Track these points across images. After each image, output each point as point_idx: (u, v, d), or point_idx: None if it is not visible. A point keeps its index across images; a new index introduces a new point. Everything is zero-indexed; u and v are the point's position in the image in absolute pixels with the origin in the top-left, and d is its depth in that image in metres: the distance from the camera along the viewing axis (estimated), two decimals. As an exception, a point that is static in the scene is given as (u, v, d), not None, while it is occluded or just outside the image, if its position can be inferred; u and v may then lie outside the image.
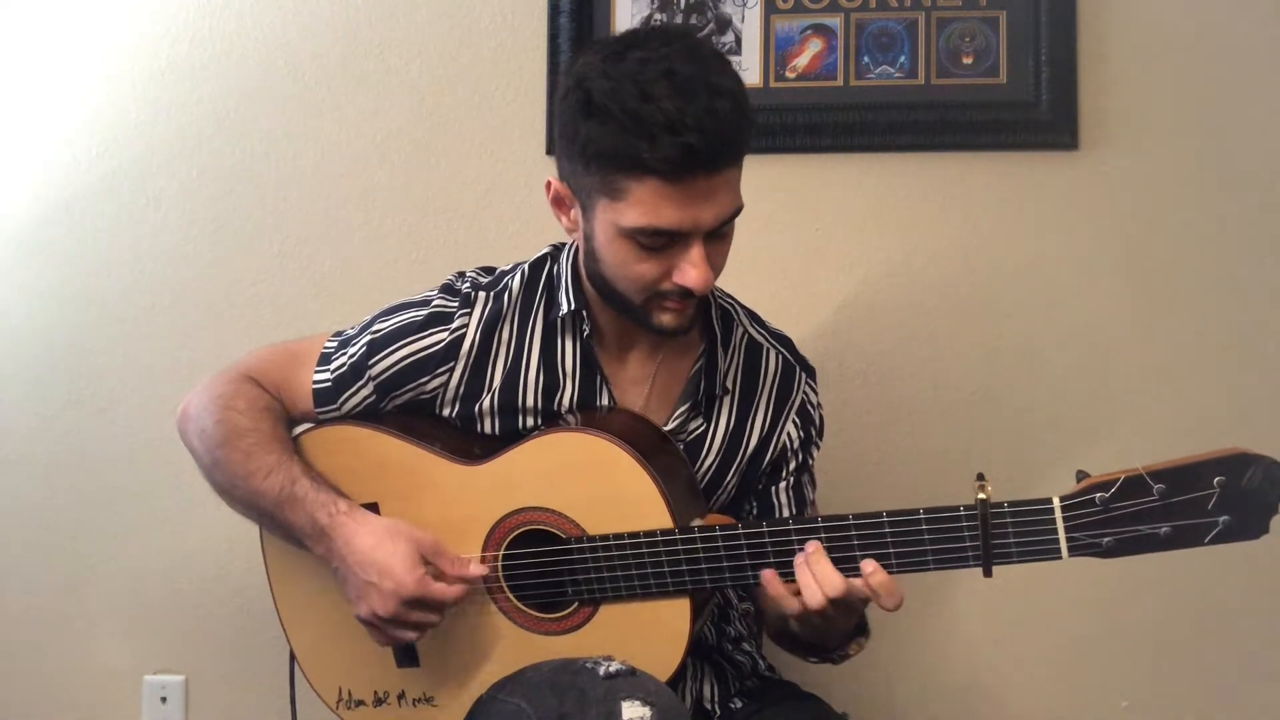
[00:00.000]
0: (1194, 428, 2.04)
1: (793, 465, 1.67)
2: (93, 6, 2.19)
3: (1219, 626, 2.09)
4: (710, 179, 1.40)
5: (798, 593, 1.42)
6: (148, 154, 2.19)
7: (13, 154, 2.21)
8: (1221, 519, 1.28)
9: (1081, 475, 1.33)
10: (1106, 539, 1.32)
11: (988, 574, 1.37)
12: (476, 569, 1.52)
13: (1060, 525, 1.33)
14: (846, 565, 1.40)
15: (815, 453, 1.71)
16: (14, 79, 2.21)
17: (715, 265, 1.48)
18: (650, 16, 2.12)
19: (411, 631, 1.51)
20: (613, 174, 1.41)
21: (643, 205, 1.40)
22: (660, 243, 1.43)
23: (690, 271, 1.44)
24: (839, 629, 1.49)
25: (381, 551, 1.48)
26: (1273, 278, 2.07)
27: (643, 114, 1.36)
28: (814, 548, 1.40)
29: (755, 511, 1.68)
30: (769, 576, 1.42)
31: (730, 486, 1.64)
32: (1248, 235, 2.07)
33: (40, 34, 2.20)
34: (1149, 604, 2.10)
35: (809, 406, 1.69)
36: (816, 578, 1.39)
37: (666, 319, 1.51)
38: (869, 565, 1.39)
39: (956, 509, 1.36)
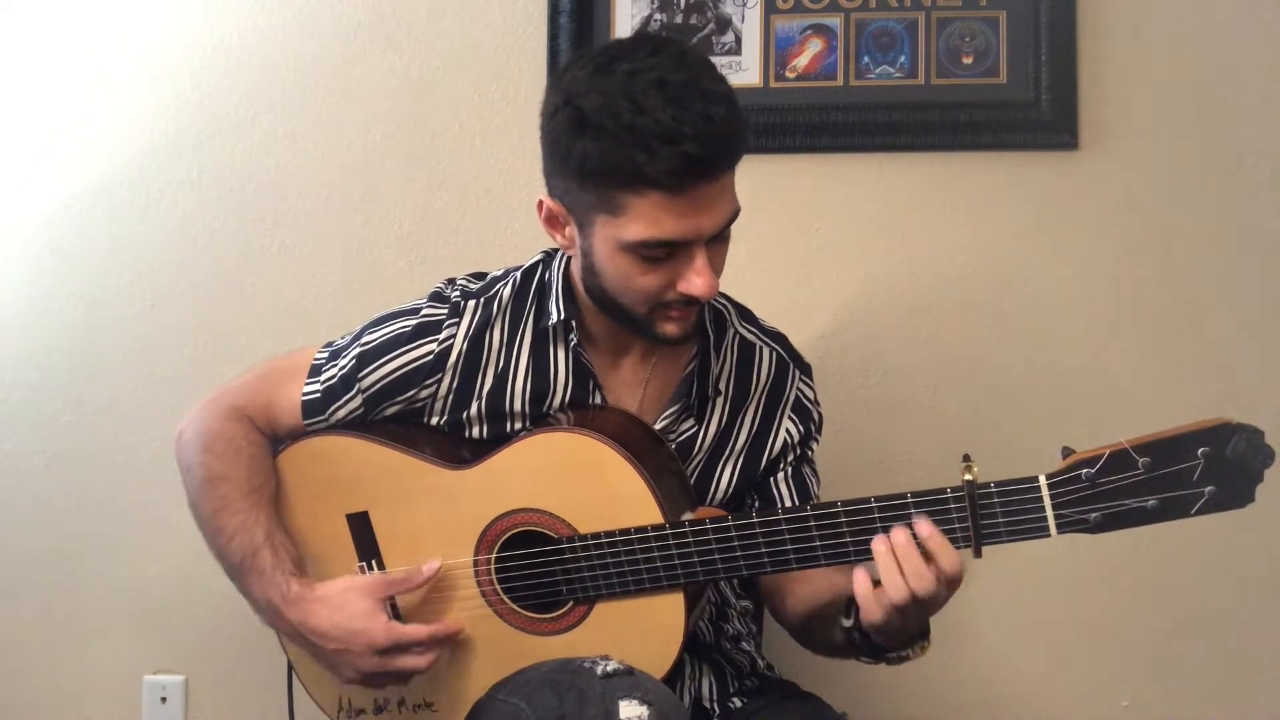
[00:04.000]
0: (1194, 427, 2.04)
1: (791, 457, 1.67)
2: (92, 8, 2.20)
3: (1219, 626, 2.09)
4: (710, 186, 1.40)
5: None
6: (148, 154, 2.19)
7: (13, 155, 2.21)
8: (1207, 489, 1.28)
9: (1067, 452, 1.33)
10: (1094, 514, 1.31)
11: (977, 554, 1.36)
12: (429, 567, 1.54)
13: (1048, 503, 1.32)
14: (839, 552, 1.40)
15: (814, 446, 1.71)
16: (14, 80, 2.21)
17: (717, 269, 1.47)
18: (650, 17, 2.12)
19: (400, 682, 1.54)
20: (611, 189, 1.40)
21: (644, 219, 1.40)
22: (662, 254, 1.43)
23: (695, 280, 1.44)
24: (910, 627, 1.42)
25: (341, 617, 1.50)
26: (1272, 277, 2.06)
27: (638, 126, 1.35)
28: (904, 538, 1.35)
29: (756, 504, 1.67)
30: (860, 576, 1.37)
31: (726, 482, 1.63)
32: (1247, 235, 2.07)
33: (40, 35, 2.20)
34: (1149, 604, 2.10)
35: (805, 402, 1.68)
36: (905, 573, 1.34)
37: (671, 328, 1.51)
38: (924, 527, 1.35)
39: (944, 491, 1.36)
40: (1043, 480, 1.33)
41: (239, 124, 2.19)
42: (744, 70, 2.11)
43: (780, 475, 1.66)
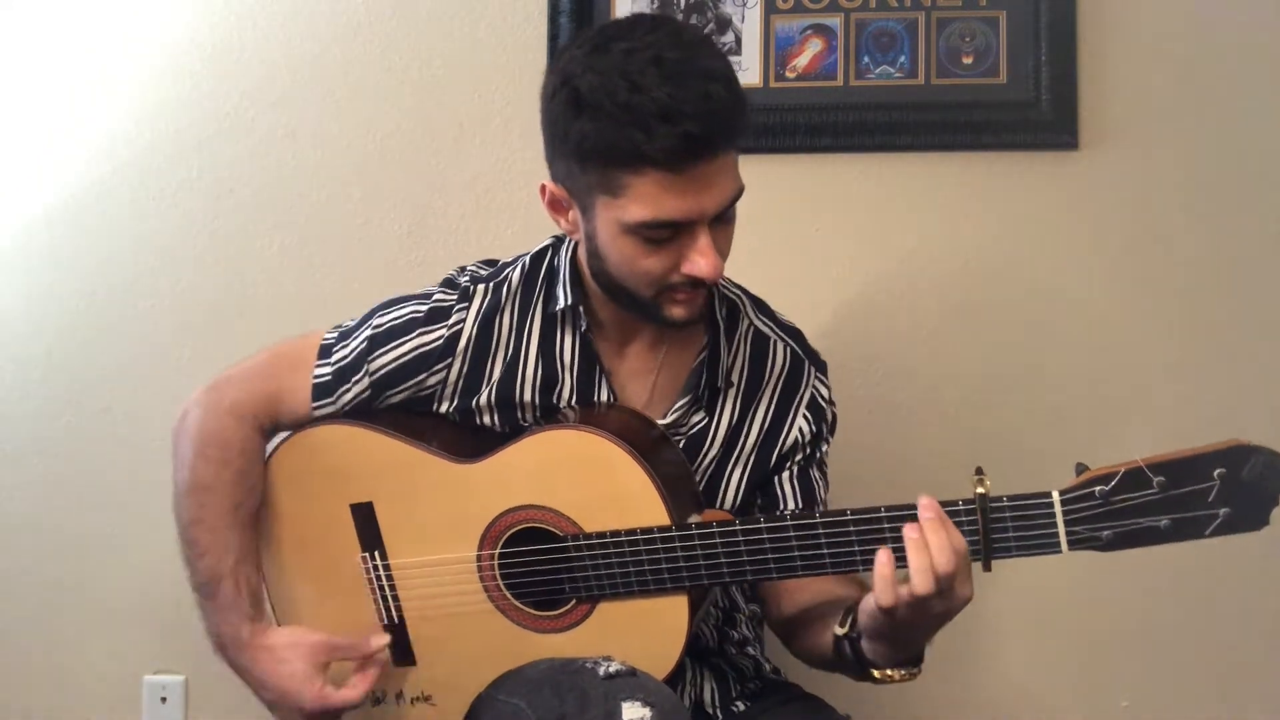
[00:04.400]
0: (1195, 427, 2.03)
1: (799, 457, 1.65)
2: (92, 8, 2.19)
3: (1219, 626, 2.09)
4: (710, 164, 1.38)
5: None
6: (148, 154, 2.19)
7: (13, 155, 2.21)
8: (1222, 511, 1.28)
9: (1081, 468, 1.33)
10: (1106, 532, 1.31)
11: (987, 568, 1.36)
12: (377, 642, 1.55)
13: (1060, 519, 1.32)
14: (846, 561, 1.40)
15: (825, 448, 1.68)
16: (14, 80, 2.21)
17: (722, 251, 1.46)
18: (650, 17, 2.12)
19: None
20: (610, 170, 1.39)
21: (645, 199, 1.38)
22: (665, 235, 1.41)
23: (699, 261, 1.42)
24: (914, 639, 1.41)
25: (279, 675, 1.53)
26: (1272, 277, 2.07)
27: (635, 105, 1.34)
28: (933, 512, 1.33)
29: (760, 504, 1.65)
30: (884, 558, 1.34)
31: (736, 482, 1.62)
32: (1247, 235, 2.07)
33: (40, 35, 2.20)
34: (1149, 604, 2.10)
35: (820, 400, 1.66)
36: (932, 551, 1.31)
37: (678, 311, 1.49)
38: (924, 499, 1.34)
39: (955, 503, 1.35)
40: (1056, 496, 1.32)
41: (239, 124, 2.19)
42: (744, 70, 2.11)
43: (785, 474, 1.64)
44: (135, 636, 2.22)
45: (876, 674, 1.45)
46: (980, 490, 1.34)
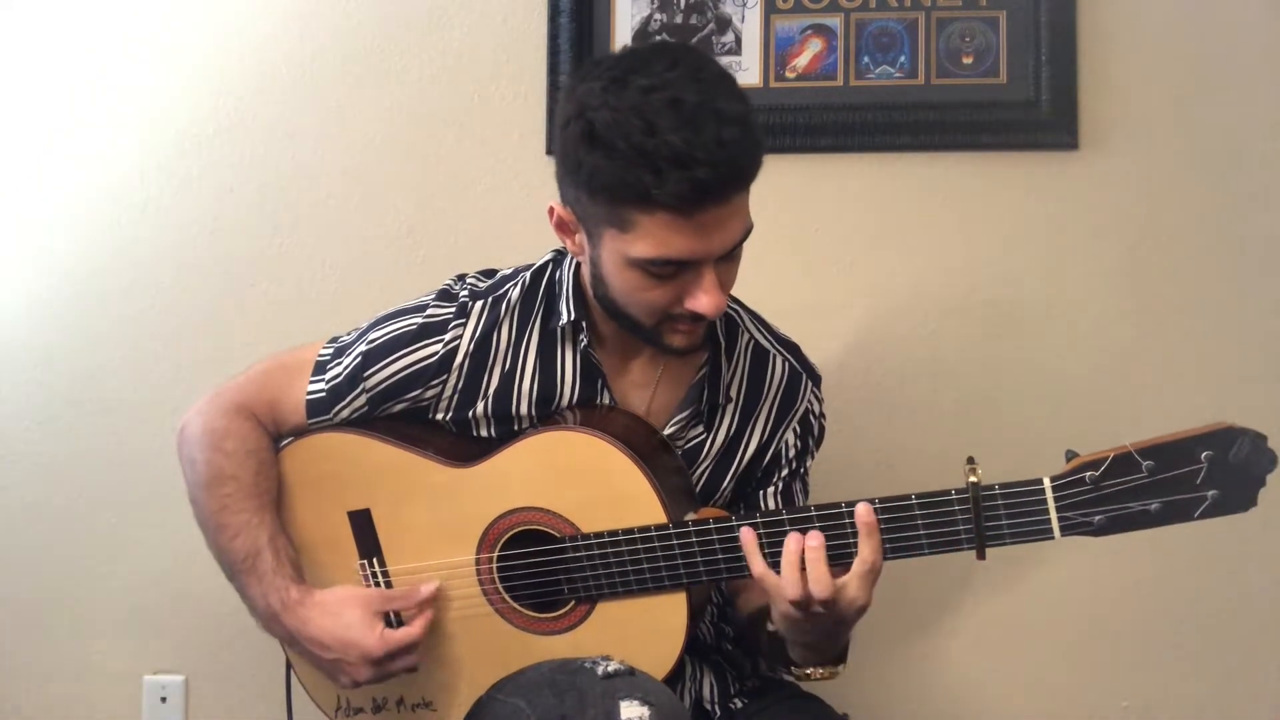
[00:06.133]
0: (1193, 426, 2.04)
1: (784, 472, 1.66)
2: (92, 8, 2.19)
3: (1218, 626, 2.09)
4: (722, 208, 1.38)
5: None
6: (148, 154, 2.19)
7: (13, 155, 2.21)
8: (1210, 493, 1.29)
9: (1071, 455, 1.34)
10: (1097, 517, 1.32)
11: (981, 556, 1.37)
12: (428, 588, 1.54)
13: (1051, 505, 1.33)
14: (843, 554, 1.40)
15: (809, 462, 1.70)
16: (14, 80, 2.21)
17: (725, 286, 1.46)
18: (650, 17, 2.12)
19: (399, 676, 1.55)
20: (619, 206, 1.38)
21: (652, 237, 1.38)
22: (670, 271, 1.41)
23: (702, 298, 1.42)
24: (823, 641, 1.45)
25: (337, 627, 1.51)
26: (1272, 278, 2.07)
27: (649, 148, 1.33)
28: (817, 541, 1.37)
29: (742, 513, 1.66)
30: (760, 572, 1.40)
31: (726, 493, 1.63)
32: (1247, 235, 2.07)
33: (40, 35, 2.20)
34: (1149, 604, 2.10)
35: (811, 415, 1.67)
36: (808, 573, 1.36)
37: (678, 340, 1.50)
38: (862, 508, 1.37)
39: (948, 493, 1.37)
40: (1047, 482, 1.33)
41: (239, 124, 2.19)
42: (744, 70, 2.11)
43: (769, 490, 1.65)
44: (135, 636, 2.22)
45: (795, 672, 1.49)
46: (972, 479, 1.36)
